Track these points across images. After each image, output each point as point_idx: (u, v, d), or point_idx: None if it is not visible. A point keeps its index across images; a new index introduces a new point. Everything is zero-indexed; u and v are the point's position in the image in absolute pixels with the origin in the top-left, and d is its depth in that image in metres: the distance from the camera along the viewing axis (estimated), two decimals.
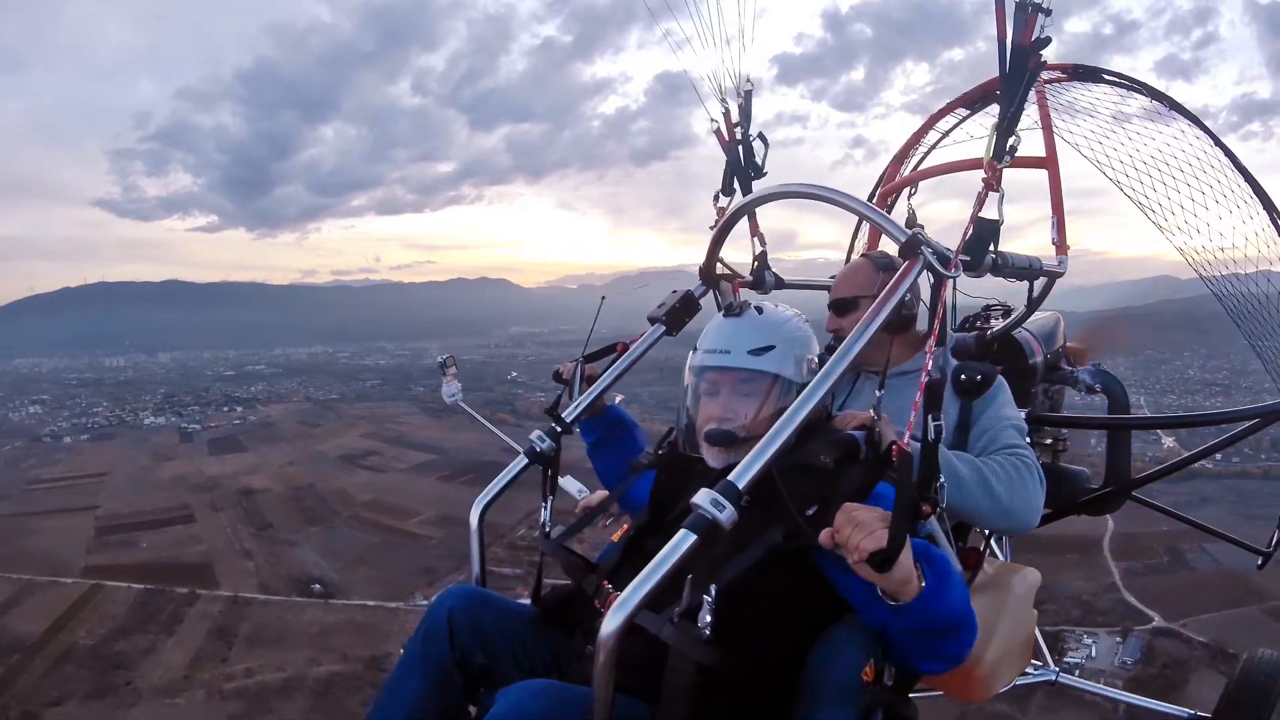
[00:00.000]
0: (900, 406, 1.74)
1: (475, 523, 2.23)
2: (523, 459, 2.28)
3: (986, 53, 1.96)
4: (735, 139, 2.73)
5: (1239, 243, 2.68)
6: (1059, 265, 2.45)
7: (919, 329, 2.45)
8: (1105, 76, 2.95)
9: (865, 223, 3.55)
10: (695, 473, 1.88)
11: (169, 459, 65.43)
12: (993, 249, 1.94)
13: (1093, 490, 2.85)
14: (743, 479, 1.46)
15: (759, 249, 2.86)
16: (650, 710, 1.53)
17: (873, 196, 3.57)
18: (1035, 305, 2.57)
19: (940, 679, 2.17)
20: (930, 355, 1.57)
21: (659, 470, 2.12)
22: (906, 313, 2.33)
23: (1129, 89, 2.92)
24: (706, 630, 1.48)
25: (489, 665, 1.87)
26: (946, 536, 1.89)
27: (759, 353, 1.86)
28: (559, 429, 2.30)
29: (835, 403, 2.43)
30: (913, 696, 1.77)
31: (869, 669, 1.59)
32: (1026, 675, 3.49)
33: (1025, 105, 1.93)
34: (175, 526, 48.82)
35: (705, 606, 1.48)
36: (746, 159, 2.74)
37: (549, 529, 2.17)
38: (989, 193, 1.88)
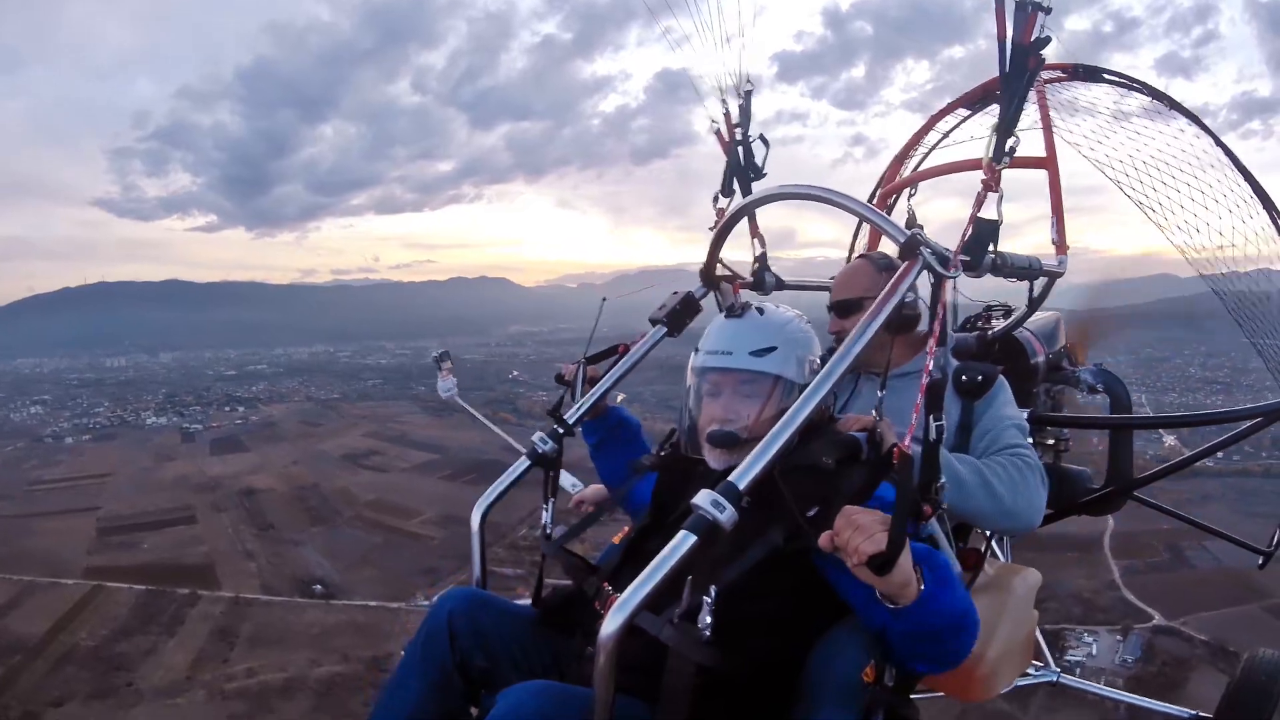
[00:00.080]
0: (901, 407, 1.74)
1: (476, 525, 2.22)
2: (525, 460, 2.28)
3: (986, 50, 1.95)
4: (735, 140, 2.71)
5: (1239, 241, 2.68)
6: (1059, 265, 2.45)
7: (921, 329, 2.45)
8: (1106, 76, 2.94)
9: (865, 223, 3.54)
10: (697, 474, 1.88)
11: (171, 459, 65.43)
12: (992, 249, 1.93)
13: (1094, 490, 2.85)
14: (743, 480, 1.46)
15: (759, 250, 2.85)
16: (650, 711, 1.53)
17: (873, 197, 3.57)
18: (1036, 305, 2.57)
19: (941, 680, 2.18)
20: (931, 355, 1.57)
21: (661, 471, 2.12)
22: (909, 313, 2.31)
23: (1129, 89, 2.91)
24: (706, 631, 1.48)
25: (489, 667, 1.87)
26: (947, 537, 1.89)
27: (761, 354, 1.86)
28: (561, 431, 2.30)
29: (837, 404, 2.43)
30: (913, 697, 1.77)
31: (869, 670, 1.59)
32: (1028, 676, 3.49)
33: (1025, 105, 1.93)
34: (177, 527, 48.83)
35: (705, 607, 1.48)
36: (746, 160, 2.71)
37: (550, 530, 2.17)
38: (988, 193, 1.88)
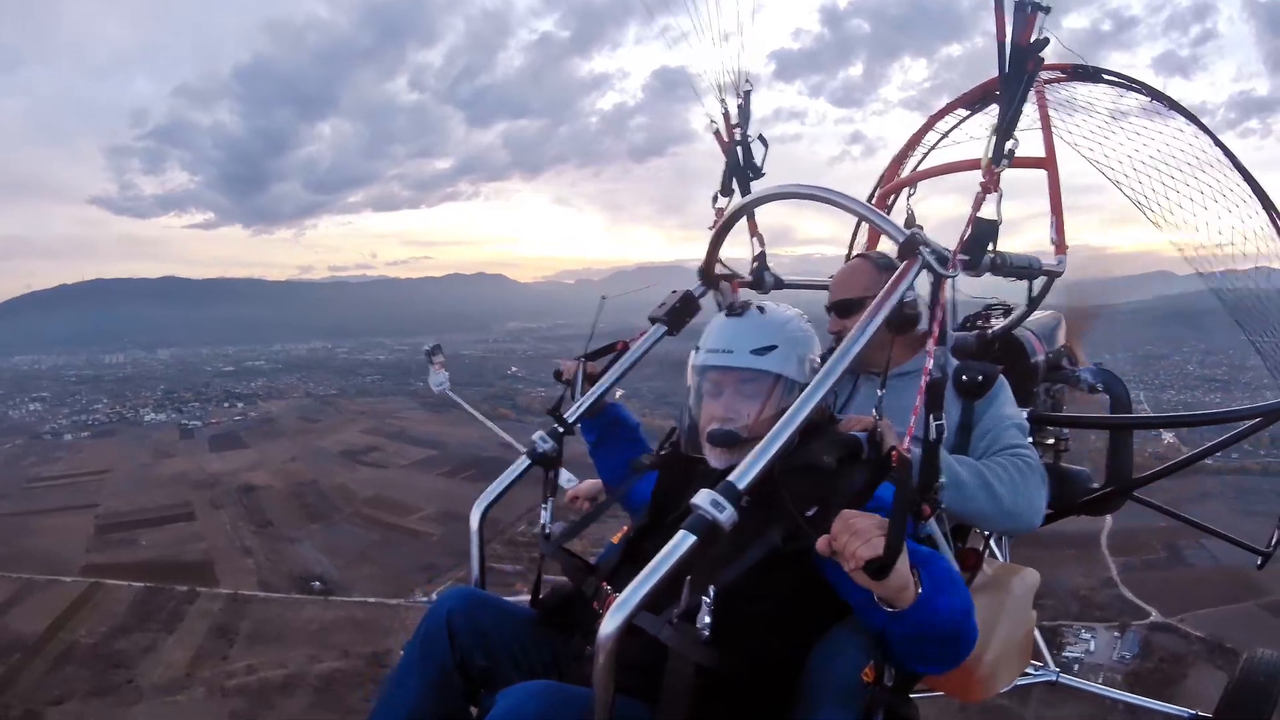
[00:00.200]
0: (901, 407, 1.74)
1: (476, 524, 2.21)
2: (524, 460, 2.27)
3: (984, 49, 1.95)
4: (734, 140, 2.69)
5: (1237, 240, 2.69)
6: (1058, 265, 2.45)
7: (921, 329, 2.44)
8: (1105, 77, 2.94)
9: (864, 222, 3.54)
10: (697, 473, 1.88)
11: (170, 456, 65.28)
12: (991, 248, 1.94)
13: (1094, 490, 2.85)
14: (743, 480, 1.46)
15: (758, 249, 2.84)
16: (650, 711, 1.53)
17: (872, 197, 3.57)
18: (1035, 304, 2.57)
19: (940, 680, 2.18)
20: (930, 355, 1.57)
21: (661, 470, 2.12)
22: (909, 312, 2.28)
23: (1128, 89, 2.91)
24: (705, 631, 1.48)
25: (489, 667, 1.87)
26: (946, 538, 1.89)
27: (761, 352, 1.86)
28: (561, 430, 2.29)
29: (836, 403, 2.43)
30: (913, 696, 1.77)
31: (869, 670, 1.59)
32: (1027, 675, 3.50)
33: (1024, 105, 1.93)
34: (176, 524, 48.73)
35: (704, 607, 1.48)
36: (745, 159, 2.69)
37: (549, 530, 2.16)
38: (987, 194, 1.88)
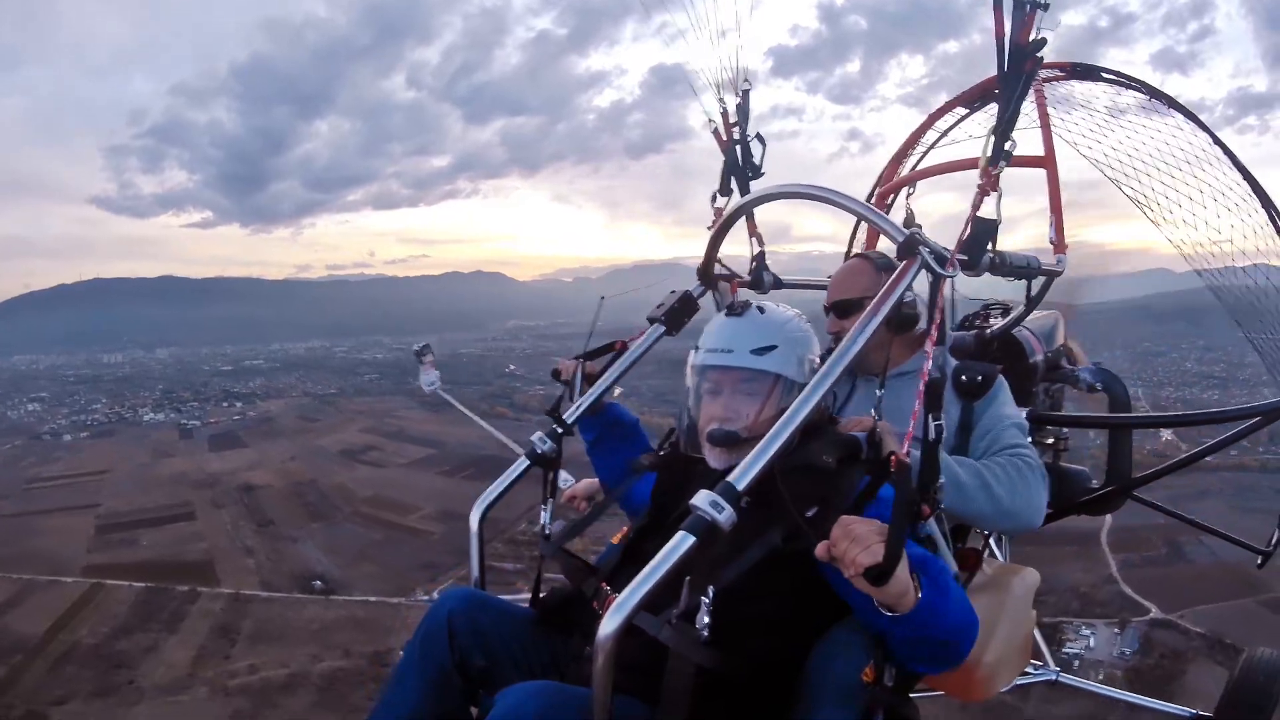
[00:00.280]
0: (900, 407, 1.74)
1: (475, 525, 2.22)
2: (524, 461, 2.27)
3: (982, 45, 1.95)
4: (733, 139, 2.67)
5: (1236, 238, 2.69)
6: (1058, 264, 2.45)
7: (920, 329, 2.42)
8: (1104, 75, 2.94)
9: (864, 222, 3.54)
10: (696, 473, 1.88)
11: (169, 455, 65.18)
12: (991, 248, 1.94)
13: (1093, 490, 2.85)
14: (742, 480, 1.46)
15: (757, 248, 2.83)
16: (650, 711, 1.53)
17: (871, 196, 3.57)
18: (1034, 304, 2.57)
19: (941, 680, 2.18)
20: (929, 355, 1.57)
21: (660, 471, 2.12)
22: (908, 312, 2.26)
23: (1127, 87, 2.91)
24: (705, 632, 1.48)
25: (488, 667, 1.87)
26: (945, 539, 1.89)
27: (761, 352, 1.86)
28: (560, 430, 2.29)
29: (835, 404, 2.42)
30: (913, 696, 1.77)
31: (869, 670, 1.59)
32: (1027, 675, 3.50)
33: (1023, 105, 1.93)
34: (176, 524, 48.67)
35: (703, 608, 1.48)
36: (744, 159, 2.68)
37: (549, 531, 2.16)
38: (986, 195, 1.88)
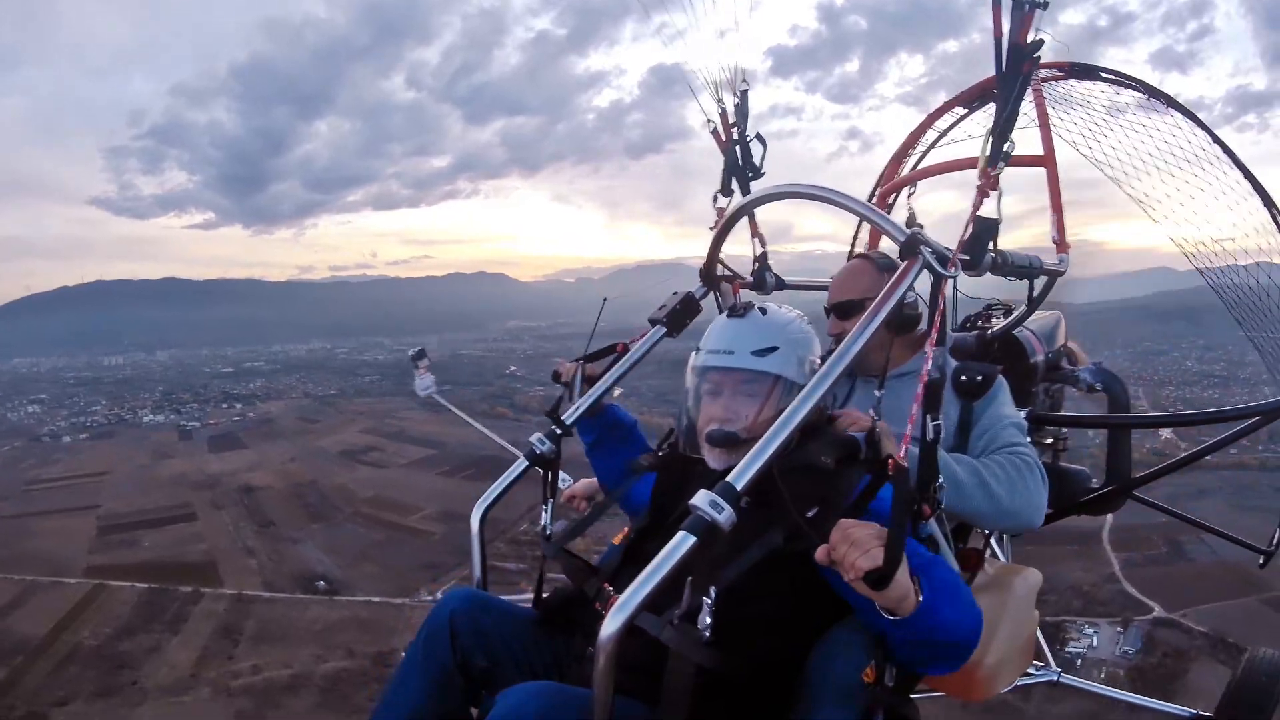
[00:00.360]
0: (899, 408, 1.74)
1: (476, 525, 2.22)
2: (523, 461, 2.27)
3: (981, 45, 1.96)
4: (732, 139, 2.66)
5: (1236, 236, 2.69)
6: (1059, 264, 2.44)
7: (921, 329, 2.40)
8: (1102, 75, 2.94)
9: (865, 222, 3.54)
10: (696, 474, 1.88)
11: (169, 457, 65.17)
12: (992, 247, 1.93)
13: (1093, 490, 2.84)
14: (741, 480, 1.46)
15: (759, 249, 2.83)
16: (651, 712, 1.53)
17: (872, 196, 3.57)
18: (1036, 304, 2.56)
19: (942, 680, 2.18)
20: (929, 355, 1.57)
21: (659, 472, 2.12)
22: (909, 312, 2.27)
23: (1126, 87, 2.91)
24: (706, 632, 1.48)
25: (490, 667, 1.87)
26: (946, 539, 1.89)
27: (762, 353, 1.86)
28: (559, 431, 2.29)
29: (835, 405, 2.42)
30: (914, 696, 1.77)
31: (870, 670, 1.59)
32: (1028, 675, 3.50)
33: (1022, 104, 1.93)
34: (177, 525, 48.67)
35: (705, 608, 1.48)
36: (744, 159, 2.67)
37: (549, 532, 2.16)
38: (986, 194, 1.88)
